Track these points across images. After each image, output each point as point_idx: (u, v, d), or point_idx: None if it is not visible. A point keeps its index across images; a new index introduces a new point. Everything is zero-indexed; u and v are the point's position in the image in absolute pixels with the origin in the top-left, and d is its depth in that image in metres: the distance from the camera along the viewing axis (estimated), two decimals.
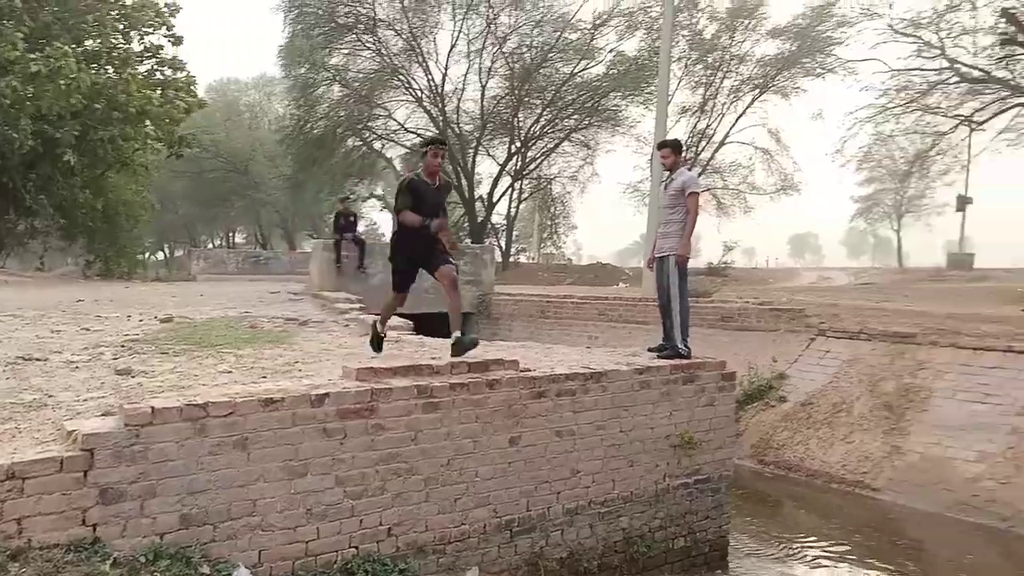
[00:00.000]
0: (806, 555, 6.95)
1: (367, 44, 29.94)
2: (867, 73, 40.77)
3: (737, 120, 32.17)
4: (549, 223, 38.64)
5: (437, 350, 6.70)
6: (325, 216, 36.73)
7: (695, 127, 31.97)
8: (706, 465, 6.29)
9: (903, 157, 33.03)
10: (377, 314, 6.44)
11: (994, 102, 22.33)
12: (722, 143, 32.65)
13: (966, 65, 21.86)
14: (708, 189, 32.50)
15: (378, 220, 52.21)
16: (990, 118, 22.62)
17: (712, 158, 32.80)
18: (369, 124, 32.59)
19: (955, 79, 22.48)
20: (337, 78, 30.88)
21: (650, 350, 6.75)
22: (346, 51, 30.70)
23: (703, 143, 32.11)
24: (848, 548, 7.10)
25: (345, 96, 31.05)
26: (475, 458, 4.91)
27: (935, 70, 22.77)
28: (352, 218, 14.99)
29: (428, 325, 8.48)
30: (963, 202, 34.44)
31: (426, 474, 4.67)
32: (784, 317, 12.03)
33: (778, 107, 32.84)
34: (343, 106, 31.05)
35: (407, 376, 4.85)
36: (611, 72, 30.50)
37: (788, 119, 59.09)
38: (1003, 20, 19.15)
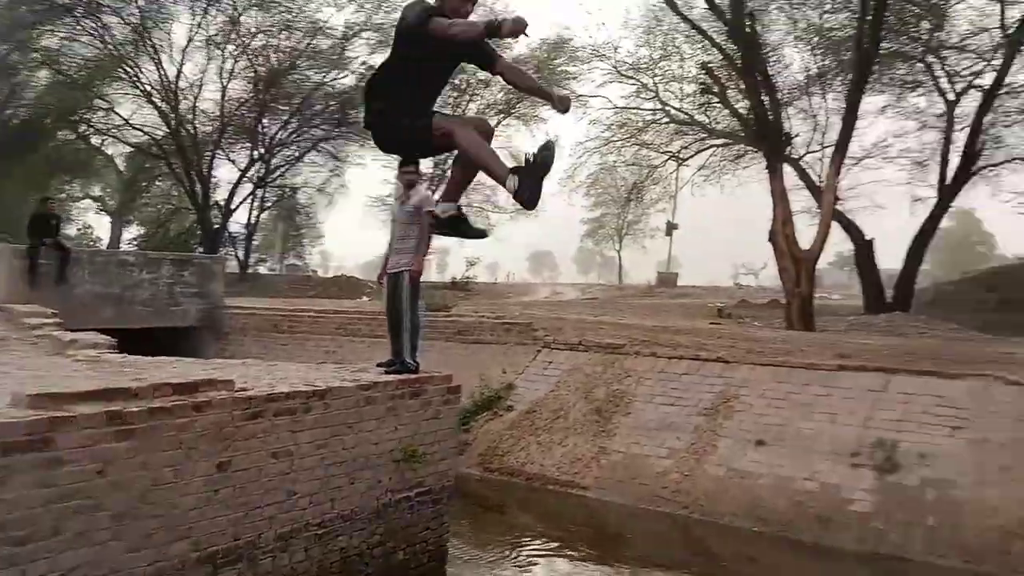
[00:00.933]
0: (520, 555, 7.43)
1: (88, 29, 26.68)
2: (596, 108, 44.70)
3: None
4: (293, 234, 37.29)
5: (144, 370, 6.14)
6: (27, 219, 31.94)
7: None
8: (429, 477, 6.45)
9: (624, 185, 36.72)
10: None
11: (695, 141, 25.67)
12: None
13: (674, 108, 24.90)
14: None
15: (93, 224, 45.91)
16: (692, 155, 25.91)
17: None
18: (86, 116, 29.02)
19: (666, 119, 25.48)
20: (48, 61, 27.13)
21: (379, 365, 6.80)
22: (62, 33, 27.07)
23: (449, 161, 33.12)
24: (558, 545, 7.72)
25: (57, 82, 27.38)
26: (175, 488, 4.55)
27: (650, 110, 25.59)
28: (55, 221, 13.31)
29: (137, 342, 7.75)
30: (671, 227, 39.43)
31: (115, 510, 4.23)
32: (515, 331, 12.76)
33: (520, 132, 34.68)
34: (54, 93, 27.35)
35: (97, 401, 4.38)
36: (361, 84, 30.34)
37: (530, 144, 62.87)
38: (703, 72, 22.16)
